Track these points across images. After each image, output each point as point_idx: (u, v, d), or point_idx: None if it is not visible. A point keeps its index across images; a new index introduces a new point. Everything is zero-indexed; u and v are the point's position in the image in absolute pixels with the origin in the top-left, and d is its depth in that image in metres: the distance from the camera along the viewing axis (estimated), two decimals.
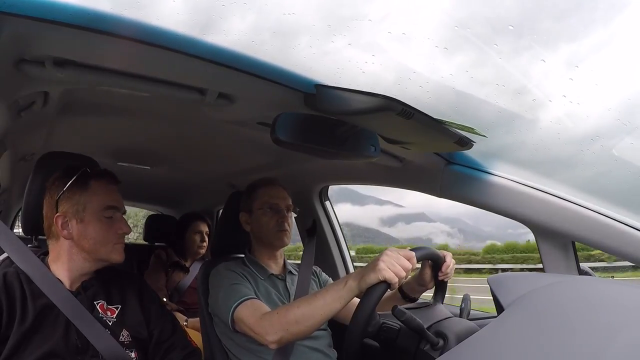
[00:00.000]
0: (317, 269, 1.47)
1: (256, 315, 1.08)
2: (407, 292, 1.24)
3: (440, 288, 1.18)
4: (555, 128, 0.99)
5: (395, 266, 0.91)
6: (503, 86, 0.92)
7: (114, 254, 1.03)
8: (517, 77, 0.94)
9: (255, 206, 1.34)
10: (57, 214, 1.00)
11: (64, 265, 1.02)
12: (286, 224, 1.32)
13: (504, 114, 1.00)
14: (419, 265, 1.12)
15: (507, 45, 0.87)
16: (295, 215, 1.40)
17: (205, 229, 2.36)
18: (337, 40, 0.80)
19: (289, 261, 1.44)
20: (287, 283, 1.34)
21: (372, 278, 0.91)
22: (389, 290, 0.94)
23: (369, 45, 0.83)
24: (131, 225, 1.12)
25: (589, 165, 1.06)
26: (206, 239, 2.35)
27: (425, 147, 1.16)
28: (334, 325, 1.36)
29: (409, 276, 0.97)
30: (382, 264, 0.91)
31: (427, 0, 0.77)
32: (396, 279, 0.91)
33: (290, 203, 1.36)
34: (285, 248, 1.40)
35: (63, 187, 1.01)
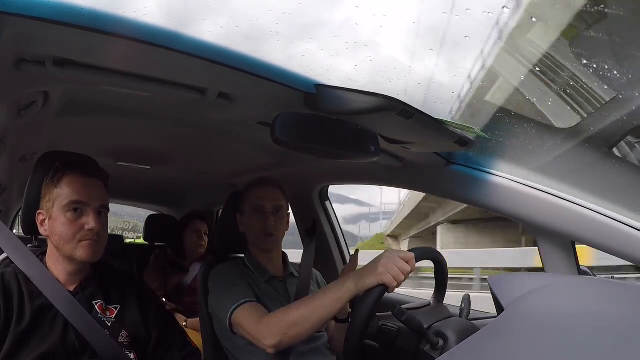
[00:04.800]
0: (320, 276, 1.46)
1: (254, 319, 1.07)
2: (337, 315, 1.21)
3: (440, 288, 1.18)
4: None
5: (395, 270, 0.90)
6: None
7: (78, 251, 0.98)
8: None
9: (245, 207, 1.32)
10: (39, 211, 1.01)
11: (54, 263, 1.02)
12: (271, 227, 1.27)
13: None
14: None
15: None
16: (290, 214, 1.37)
17: (203, 228, 2.35)
18: (301, 45, 0.82)
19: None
20: (288, 285, 1.33)
21: (371, 281, 0.91)
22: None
23: (334, 49, 0.84)
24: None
25: None
26: (204, 237, 2.34)
27: (425, 147, 1.16)
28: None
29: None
30: (381, 267, 0.90)
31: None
32: (395, 283, 0.90)
33: (281, 203, 1.31)
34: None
35: (45, 184, 1.02)
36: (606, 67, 0.86)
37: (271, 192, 1.31)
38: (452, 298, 1.31)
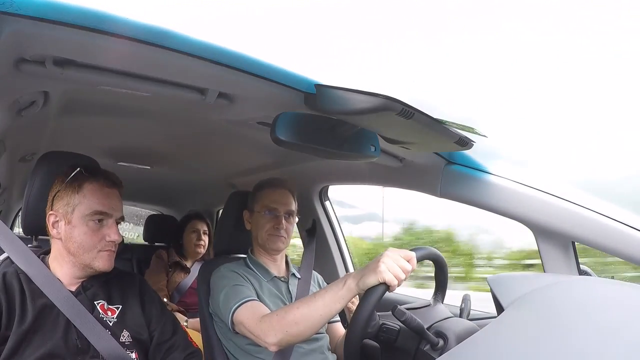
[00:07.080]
0: (320, 278, 1.46)
1: (255, 317, 1.08)
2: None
3: (440, 288, 1.18)
4: None
5: (396, 268, 0.90)
6: None
7: (97, 261, 1.00)
8: None
9: (256, 207, 1.34)
10: (50, 212, 1.00)
11: (60, 265, 1.02)
12: (282, 230, 1.30)
13: None
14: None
15: None
16: (297, 221, 1.39)
17: (202, 227, 2.35)
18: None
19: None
20: (290, 285, 1.33)
21: (372, 280, 0.90)
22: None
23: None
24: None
25: None
26: (203, 237, 2.34)
27: (425, 147, 1.16)
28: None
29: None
30: (382, 266, 0.90)
31: None
32: (396, 282, 0.90)
33: (292, 208, 1.34)
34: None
35: (60, 185, 1.00)
36: None
37: (285, 196, 1.34)
38: None
